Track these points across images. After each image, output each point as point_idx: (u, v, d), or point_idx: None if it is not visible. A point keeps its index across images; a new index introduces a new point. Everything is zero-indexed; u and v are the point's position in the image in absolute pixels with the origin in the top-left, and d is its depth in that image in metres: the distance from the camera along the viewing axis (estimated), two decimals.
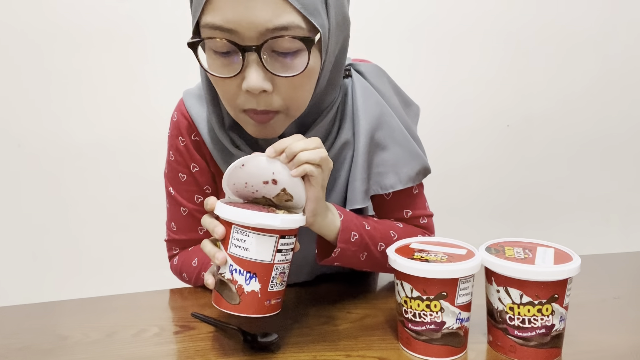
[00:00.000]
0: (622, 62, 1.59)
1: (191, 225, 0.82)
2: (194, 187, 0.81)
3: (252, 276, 0.58)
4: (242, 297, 0.59)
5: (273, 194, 0.63)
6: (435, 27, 1.49)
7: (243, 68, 0.61)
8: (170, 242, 0.85)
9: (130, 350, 0.63)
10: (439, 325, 0.58)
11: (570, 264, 0.56)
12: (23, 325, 0.72)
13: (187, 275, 0.82)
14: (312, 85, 0.66)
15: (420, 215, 0.83)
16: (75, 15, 1.35)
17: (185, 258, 0.82)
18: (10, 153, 1.40)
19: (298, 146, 0.60)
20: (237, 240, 0.58)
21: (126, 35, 1.37)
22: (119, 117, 1.42)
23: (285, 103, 0.65)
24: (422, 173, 0.80)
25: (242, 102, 0.64)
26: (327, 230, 0.68)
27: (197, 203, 0.82)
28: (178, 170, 0.81)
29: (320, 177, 0.62)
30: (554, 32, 1.54)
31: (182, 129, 0.79)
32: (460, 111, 1.55)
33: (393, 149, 0.78)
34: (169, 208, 0.84)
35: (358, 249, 0.71)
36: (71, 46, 1.36)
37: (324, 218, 0.67)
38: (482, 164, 1.59)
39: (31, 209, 1.44)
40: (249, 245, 0.58)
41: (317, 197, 0.63)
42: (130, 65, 1.39)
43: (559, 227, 1.64)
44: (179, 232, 0.83)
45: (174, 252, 0.85)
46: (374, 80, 0.80)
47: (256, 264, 0.58)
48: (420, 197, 0.84)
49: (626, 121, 1.64)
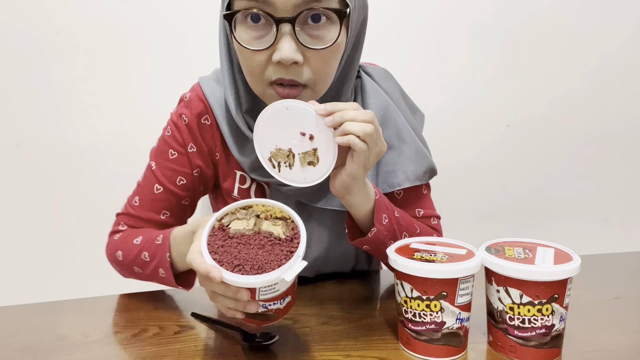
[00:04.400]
0: (622, 62, 1.59)
1: (156, 206, 0.80)
2: (180, 167, 0.79)
3: (286, 297, 0.59)
4: (279, 313, 0.60)
5: (302, 149, 0.61)
6: (434, 27, 1.49)
7: (276, 40, 0.62)
8: (123, 217, 0.82)
9: (130, 350, 0.63)
10: (439, 325, 0.58)
11: (570, 264, 0.56)
12: (23, 325, 0.72)
13: (122, 253, 0.78)
14: (337, 60, 0.68)
15: (431, 215, 0.84)
16: (75, 15, 1.34)
17: (128, 235, 0.79)
18: (10, 153, 1.40)
19: (349, 114, 0.60)
20: (265, 291, 0.56)
21: (127, 36, 1.37)
22: (119, 117, 1.42)
23: (314, 77, 0.66)
24: (429, 173, 0.81)
25: (271, 74, 0.65)
26: (358, 208, 0.69)
27: (176, 184, 0.79)
28: (170, 146, 0.80)
29: (363, 155, 0.60)
30: (553, 31, 1.54)
31: (192, 108, 0.79)
32: (460, 111, 1.55)
33: (400, 148, 0.79)
34: (140, 183, 0.82)
35: (388, 235, 0.71)
36: (71, 46, 1.36)
37: (355, 197, 0.67)
38: (482, 164, 1.59)
39: (31, 209, 1.44)
40: (279, 288, 0.57)
41: (353, 174, 0.62)
42: (130, 65, 1.39)
43: (559, 227, 1.64)
44: (139, 209, 0.80)
45: (121, 228, 0.81)
46: (382, 82, 0.82)
47: (288, 289, 0.58)
48: (428, 198, 0.85)
49: (626, 121, 1.64)
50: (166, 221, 0.80)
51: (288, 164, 0.62)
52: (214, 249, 0.56)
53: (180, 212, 0.82)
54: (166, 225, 0.80)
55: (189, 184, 0.80)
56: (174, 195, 0.80)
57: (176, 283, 0.74)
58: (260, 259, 0.54)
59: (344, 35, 0.66)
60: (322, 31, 0.64)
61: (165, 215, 0.80)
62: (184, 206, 0.82)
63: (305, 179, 0.62)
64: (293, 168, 0.62)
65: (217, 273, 0.52)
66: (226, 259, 0.55)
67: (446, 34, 1.50)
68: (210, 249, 0.56)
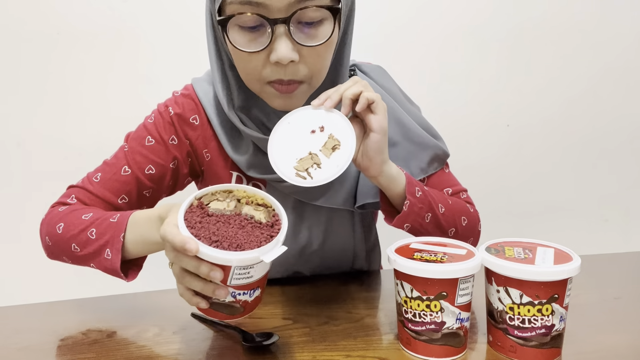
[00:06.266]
0: (622, 62, 1.59)
1: (117, 188, 0.76)
2: (153, 156, 0.77)
3: (256, 289, 0.57)
4: (246, 307, 0.58)
5: (320, 144, 0.63)
6: (434, 26, 1.49)
7: (272, 41, 0.63)
8: (76, 190, 0.77)
9: (130, 350, 0.63)
10: (439, 325, 0.58)
11: (570, 264, 0.56)
12: (23, 325, 0.72)
13: (64, 226, 0.71)
14: (331, 53, 0.70)
15: (459, 190, 0.85)
16: (75, 15, 1.34)
17: (77, 210, 0.73)
18: (10, 153, 1.40)
19: (341, 88, 0.64)
20: (239, 275, 0.53)
21: (127, 36, 1.37)
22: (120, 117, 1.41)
23: (310, 72, 0.67)
24: (436, 160, 0.82)
25: (268, 74, 0.66)
26: (396, 182, 0.69)
27: (144, 172, 0.77)
28: (150, 133, 0.78)
29: (381, 103, 0.64)
30: (554, 32, 1.54)
31: (181, 105, 0.79)
32: (460, 111, 1.55)
33: (402, 144, 0.80)
34: (107, 162, 0.79)
35: (423, 207, 0.72)
36: (71, 46, 1.36)
37: (391, 166, 0.69)
38: (482, 164, 1.59)
39: (31, 208, 1.44)
40: (253, 273, 0.54)
41: (383, 127, 0.64)
42: (130, 65, 1.39)
43: (559, 227, 1.64)
44: (97, 186, 0.76)
45: (69, 201, 0.76)
46: (378, 79, 0.83)
47: (260, 279, 0.56)
48: (451, 175, 0.86)
49: (626, 121, 1.64)
50: (121, 206, 0.77)
51: (315, 165, 0.62)
52: (191, 224, 0.53)
53: (137, 202, 0.79)
54: (119, 210, 0.76)
55: (157, 175, 0.78)
56: (138, 182, 0.77)
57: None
58: (239, 238, 0.52)
59: (336, 29, 0.67)
60: (316, 28, 0.64)
61: (122, 200, 0.77)
62: (143, 197, 0.79)
63: (338, 166, 0.62)
64: (322, 166, 0.62)
65: (193, 244, 0.50)
66: (203, 234, 0.52)
67: (446, 33, 1.50)
68: (188, 224, 0.53)
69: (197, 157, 0.80)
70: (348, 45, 0.74)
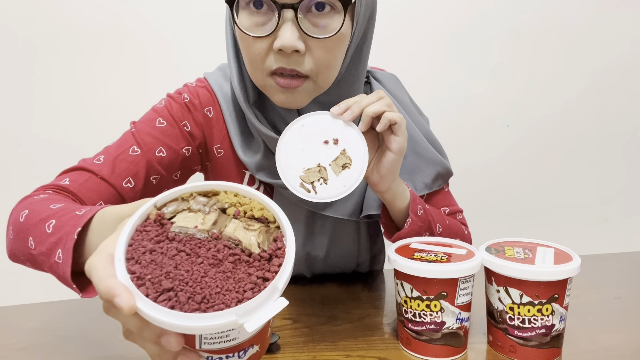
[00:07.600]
0: (622, 62, 1.59)
1: (123, 168, 0.67)
2: (165, 138, 0.71)
3: (249, 348, 0.40)
4: None
5: (331, 158, 0.58)
6: (433, 26, 1.49)
7: (278, 26, 0.60)
8: (70, 174, 0.67)
9: (131, 351, 0.63)
10: (439, 325, 0.58)
11: (570, 264, 0.56)
12: (24, 325, 0.72)
13: (28, 214, 0.57)
14: (342, 52, 0.66)
15: (456, 210, 0.85)
16: (75, 16, 1.35)
17: (53, 198, 0.61)
18: (10, 153, 1.40)
19: (364, 101, 0.60)
20: (212, 340, 0.37)
21: (128, 36, 1.37)
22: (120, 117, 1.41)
23: (316, 67, 0.63)
24: (440, 178, 0.81)
25: (272, 63, 0.63)
26: (400, 198, 0.68)
27: (155, 154, 0.70)
28: (161, 115, 0.72)
29: (404, 124, 0.61)
30: (554, 32, 1.54)
31: (196, 94, 0.76)
32: (460, 111, 1.55)
33: (409, 157, 0.79)
34: (113, 144, 0.71)
35: (423, 226, 0.71)
36: (71, 46, 1.36)
37: (400, 183, 0.67)
38: (482, 164, 1.59)
39: None
40: (236, 335, 0.37)
41: (401, 149, 0.62)
42: (131, 65, 1.39)
43: (559, 227, 1.64)
44: (101, 166, 0.66)
45: (62, 183, 0.66)
46: (391, 87, 0.82)
47: (252, 339, 0.39)
48: (449, 194, 0.86)
49: (626, 121, 1.64)
50: (124, 192, 0.67)
51: (322, 180, 0.58)
52: (136, 255, 0.35)
53: (142, 190, 0.69)
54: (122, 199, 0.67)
55: (167, 159, 0.71)
56: (148, 164, 0.69)
57: (72, 281, 0.49)
58: (209, 285, 0.34)
59: (349, 26, 0.64)
60: (325, 20, 0.61)
61: (127, 184, 0.67)
62: (149, 184, 0.70)
63: (345, 186, 0.58)
64: (329, 182, 0.58)
65: (125, 298, 0.33)
66: (152, 276, 0.34)
67: (446, 33, 1.51)
68: (132, 253, 0.35)
69: (206, 152, 0.77)
70: (365, 53, 0.71)
